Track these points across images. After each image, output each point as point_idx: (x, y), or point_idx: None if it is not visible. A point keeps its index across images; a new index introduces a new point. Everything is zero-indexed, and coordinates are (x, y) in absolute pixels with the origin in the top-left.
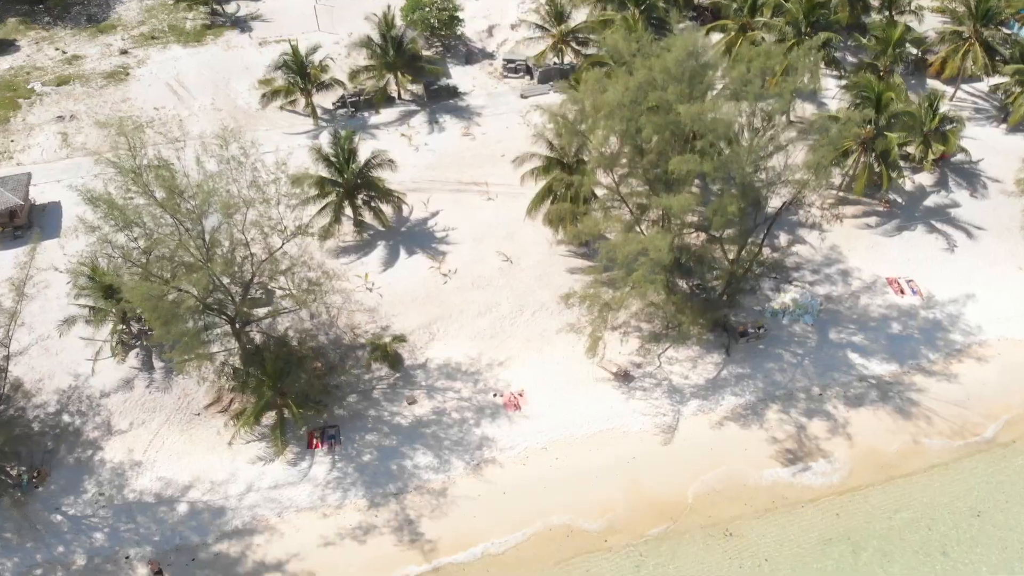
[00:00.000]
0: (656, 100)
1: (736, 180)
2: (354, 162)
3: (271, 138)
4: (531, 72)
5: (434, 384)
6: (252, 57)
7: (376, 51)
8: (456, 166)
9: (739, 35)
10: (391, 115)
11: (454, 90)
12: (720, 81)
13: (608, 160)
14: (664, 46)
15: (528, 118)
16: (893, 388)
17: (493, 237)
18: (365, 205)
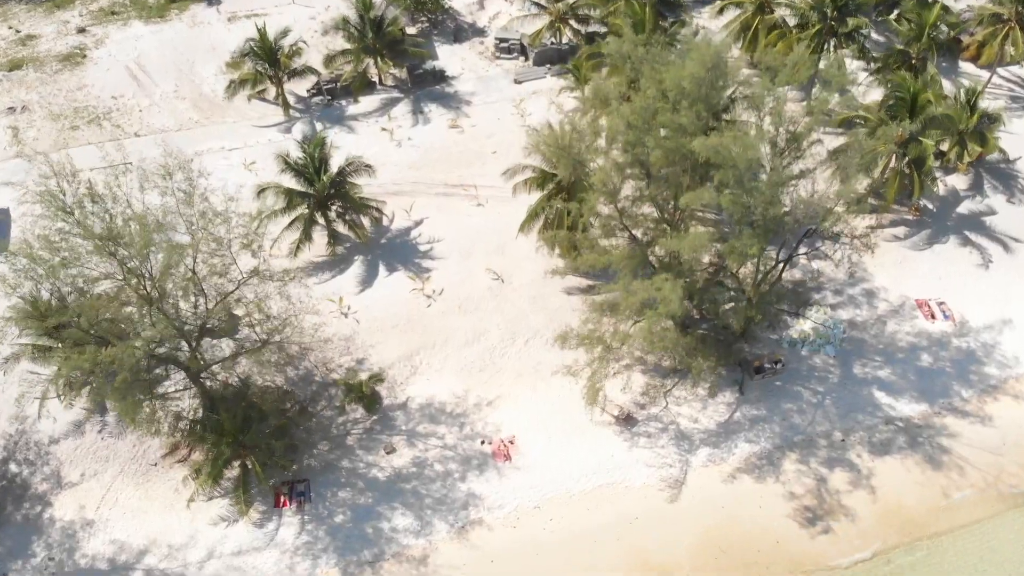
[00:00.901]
0: (667, 123)
1: (757, 217)
2: (326, 171)
3: (239, 132)
4: (526, 52)
5: (415, 429)
6: (220, 35)
7: (353, 34)
8: (442, 165)
9: (756, 14)
10: (371, 103)
11: (441, 74)
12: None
13: (611, 191)
14: (678, 54)
15: (522, 108)
16: (923, 432)
17: (482, 250)
18: (340, 218)
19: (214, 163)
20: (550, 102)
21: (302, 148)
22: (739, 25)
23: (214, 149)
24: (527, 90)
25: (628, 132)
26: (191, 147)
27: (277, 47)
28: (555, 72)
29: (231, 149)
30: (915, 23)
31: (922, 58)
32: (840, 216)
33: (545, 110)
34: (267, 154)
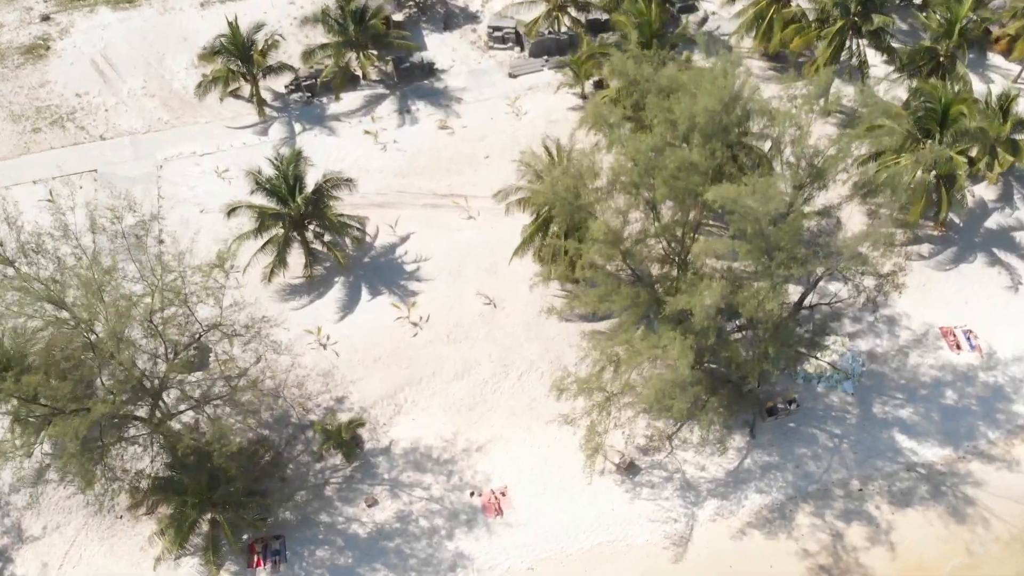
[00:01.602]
0: (678, 163)
1: (778, 266)
2: (301, 189)
3: (211, 134)
4: (522, 42)
5: (399, 477)
6: (192, 23)
7: (333, 27)
8: (430, 172)
9: (772, 4)
10: (354, 101)
11: (430, 67)
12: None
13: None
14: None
15: (517, 106)
16: (946, 480)
17: (473, 270)
18: (317, 239)
19: (184, 170)
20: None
21: (275, 165)
22: (752, 15)
23: (184, 154)
24: (523, 85)
25: (632, 172)
26: (160, 151)
27: (250, 42)
28: (553, 65)
29: (203, 154)
30: (944, 17)
31: (951, 55)
32: (872, 263)
33: (542, 112)
34: (241, 160)
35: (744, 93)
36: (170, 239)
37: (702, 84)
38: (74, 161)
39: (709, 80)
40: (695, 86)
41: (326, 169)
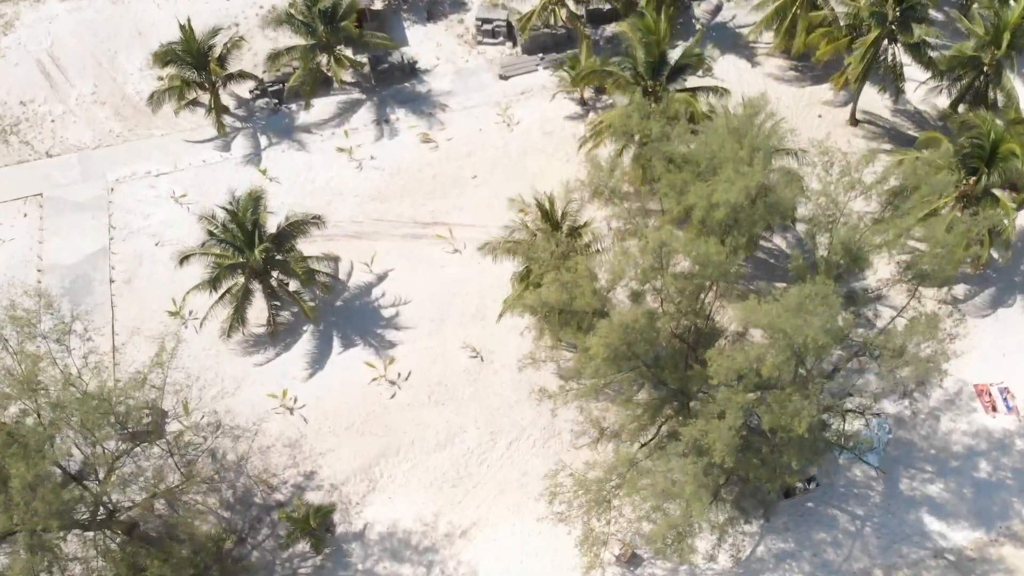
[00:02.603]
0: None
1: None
2: (261, 238)
3: (168, 149)
4: (514, 36)
5: (374, 569)
6: (148, 14)
7: (300, 29)
8: (412, 194)
9: (796, 1)
10: (326, 108)
11: (411, 67)
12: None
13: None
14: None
15: (508, 115)
16: (976, 568)
17: (458, 315)
18: (282, 287)
19: (138, 193)
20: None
21: (230, 212)
22: (773, 10)
23: (138, 174)
24: (515, 88)
25: (640, 272)
26: (111, 171)
27: (207, 48)
28: (549, 63)
29: (158, 174)
30: (991, 23)
31: (996, 64)
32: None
33: (536, 121)
34: (202, 180)
35: (774, 172)
36: (121, 277)
37: (724, 168)
38: (18, 182)
39: (731, 157)
40: (713, 159)
41: (296, 191)
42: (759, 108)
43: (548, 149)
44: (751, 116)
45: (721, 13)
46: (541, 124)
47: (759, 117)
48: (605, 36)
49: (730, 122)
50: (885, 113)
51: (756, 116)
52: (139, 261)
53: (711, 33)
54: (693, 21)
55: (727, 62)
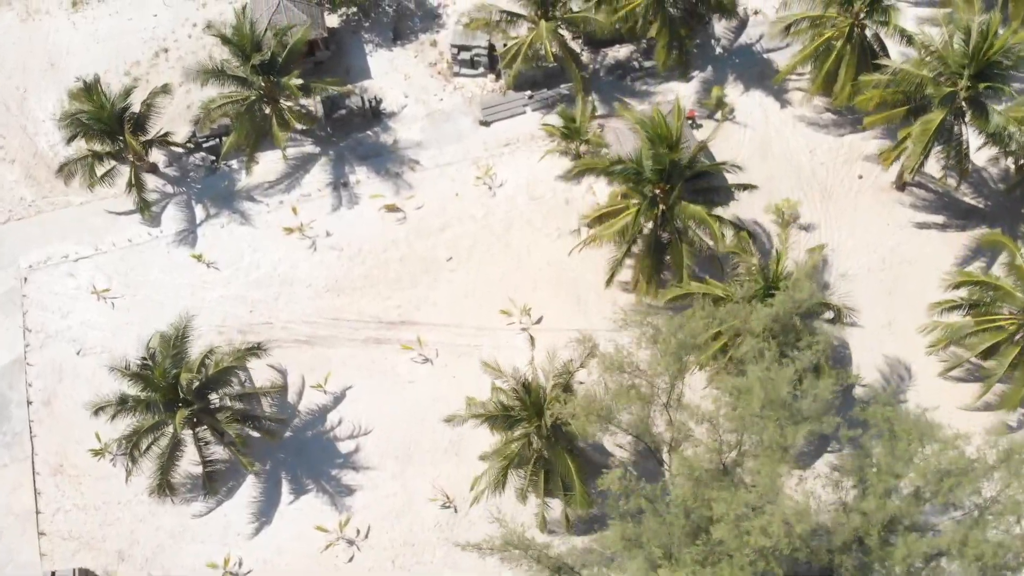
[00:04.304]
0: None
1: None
2: (185, 390)
3: (88, 224)
4: (496, 65)
5: None
6: (63, 36)
7: (227, 79)
8: (374, 284)
9: (844, 41)
10: (273, 167)
11: (374, 109)
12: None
13: None
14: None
15: (490, 175)
16: None
17: (428, 448)
18: (216, 436)
19: (55, 284)
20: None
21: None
22: (812, 49)
23: (54, 259)
24: (498, 137)
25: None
26: (24, 254)
27: (122, 109)
28: (538, 103)
29: (78, 258)
30: None
31: None
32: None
33: (522, 182)
34: (127, 268)
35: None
36: (40, 398)
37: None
38: None
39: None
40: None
41: (238, 280)
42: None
43: (536, 220)
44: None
45: (746, 31)
46: (528, 186)
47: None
48: (606, 64)
49: (769, 391)
50: (937, 171)
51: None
52: (59, 376)
53: (733, 59)
54: (712, 43)
55: (751, 99)
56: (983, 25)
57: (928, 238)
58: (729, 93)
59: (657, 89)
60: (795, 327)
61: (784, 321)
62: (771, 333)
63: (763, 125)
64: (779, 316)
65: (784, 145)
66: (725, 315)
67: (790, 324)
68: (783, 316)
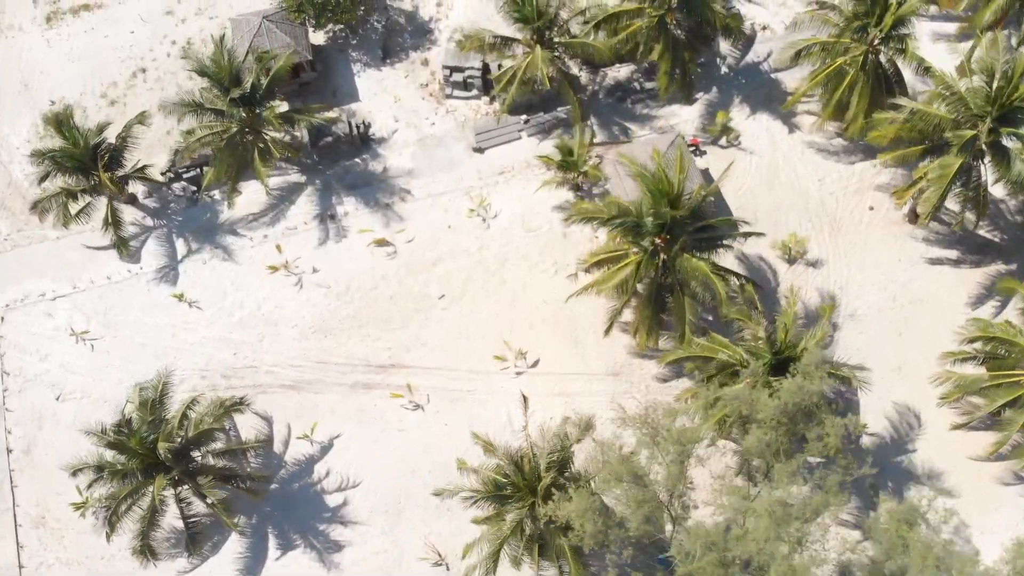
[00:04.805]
0: None
1: None
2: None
3: (66, 259)
4: (490, 87)
5: None
6: (38, 56)
7: (206, 112)
8: (363, 325)
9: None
10: (257, 197)
11: (363, 135)
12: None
13: None
14: None
15: (485, 206)
16: None
17: (419, 502)
18: (197, 494)
19: (33, 325)
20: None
21: (121, 431)
22: (824, 76)
23: (31, 297)
24: (492, 165)
25: None
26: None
27: (97, 144)
28: (534, 128)
29: (55, 297)
30: None
31: None
32: None
33: (518, 213)
34: (107, 307)
35: None
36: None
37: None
38: None
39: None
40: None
41: (221, 321)
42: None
43: (532, 255)
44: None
45: (753, 48)
46: (524, 217)
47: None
48: (606, 85)
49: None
50: (954, 205)
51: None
52: (39, 422)
53: (739, 79)
54: (718, 61)
55: (758, 124)
56: (1007, 67)
57: (941, 274)
58: (734, 117)
59: (659, 113)
60: (804, 414)
61: (792, 412)
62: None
63: (770, 151)
64: (787, 408)
65: (792, 173)
66: (730, 399)
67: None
68: (791, 408)
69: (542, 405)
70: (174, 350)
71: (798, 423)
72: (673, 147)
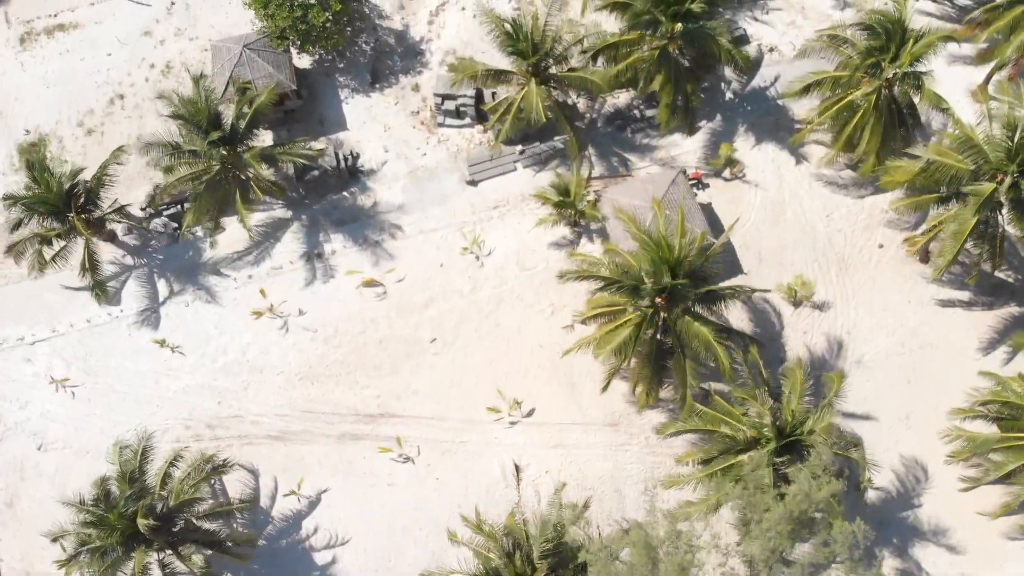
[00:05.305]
0: None
1: None
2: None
3: (43, 301)
4: (483, 116)
5: None
6: (12, 81)
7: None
8: (352, 371)
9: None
10: (238, 237)
11: (351, 167)
12: None
13: None
14: None
15: (479, 243)
16: None
17: (411, 562)
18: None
19: (11, 370)
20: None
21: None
22: (836, 110)
23: (9, 341)
24: (486, 199)
25: None
26: None
27: (72, 187)
28: (529, 159)
29: (34, 341)
30: None
31: None
32: None
33: (513, 249)
34: (87, 352)
35: None
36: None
37: None
38: None
39: None
40: None
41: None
42: None
43: (528, 296)
44: None
45: (760, 72)
46: (519, 255)
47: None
48: (604, 113)
49: None
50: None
51: None
52: (21, 473)
53: (744, 105)
54: (722, 86)
55: (764, 155)
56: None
57: (952, 317)
58: (739, 147)
59: (660, 143)
60: (811, 520)
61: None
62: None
63: (776, 185)
64: (793, 515)
65: (799, 208)
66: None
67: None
68: (798, 515)
69: (537, 458)
70: (157, 398)
71: (803, 527)
72: (675, 186)
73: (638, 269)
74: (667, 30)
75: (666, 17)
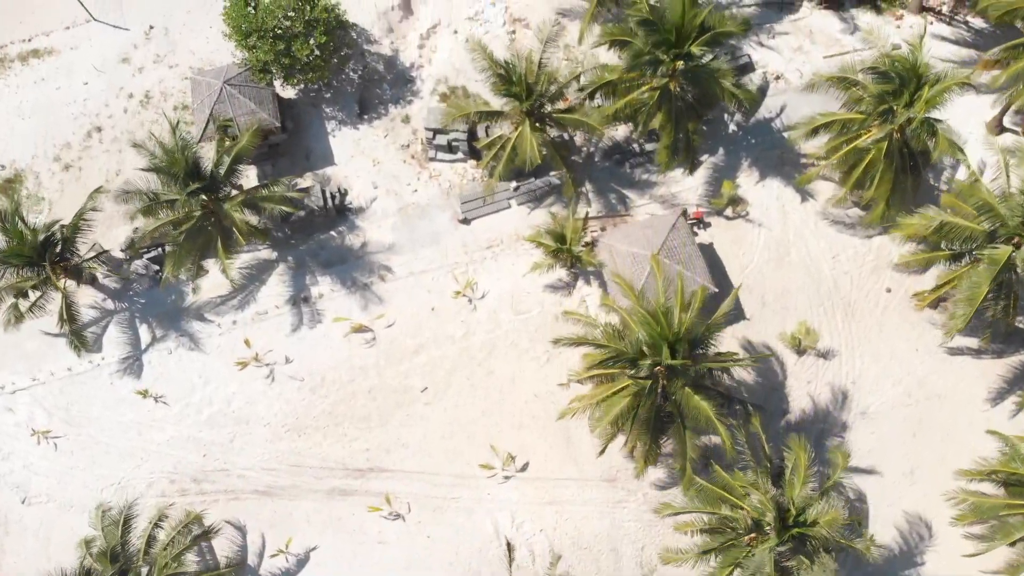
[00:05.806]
0: None
1: None
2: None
3: (23, 348)
4: (476, 152)
5: None
6: None
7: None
8: (340, 423)
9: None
10: (222, 281)
11: (339, 205)
12: None
13: None
14: None
15: (471, 286)
16: None
17: None
18: None
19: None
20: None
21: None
22: (846, 152)
23: None
24: (479, 238)
25: None
26: None
27: (47, 237)
28: (524, 197)
29: (15, 390)
30: None
31: None
32: None
33: (506, 292)
34: (69, 402)
35: None
36: None
37: None
38: None
39: None
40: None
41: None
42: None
43: (522, 342)
44: None
45: (765, 101)
46: (513, 298)
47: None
48: (602, 147)
49: None
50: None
51: None
52: (5, 527)
53: (748, 138)
54: (725, 117)
55: (768, 192)
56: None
57: (960, 366)
58: (743, 183)
59: (659, 179)
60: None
61: None
62: None
63: (781, 224)
64: None
65: (803, 249)
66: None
67: None
68: None
69: (531, 515)
70: (141, 451)
71: None
72: (675, 231)
73: (636, 337)
74: (668, 69)
75: (668, 57)
